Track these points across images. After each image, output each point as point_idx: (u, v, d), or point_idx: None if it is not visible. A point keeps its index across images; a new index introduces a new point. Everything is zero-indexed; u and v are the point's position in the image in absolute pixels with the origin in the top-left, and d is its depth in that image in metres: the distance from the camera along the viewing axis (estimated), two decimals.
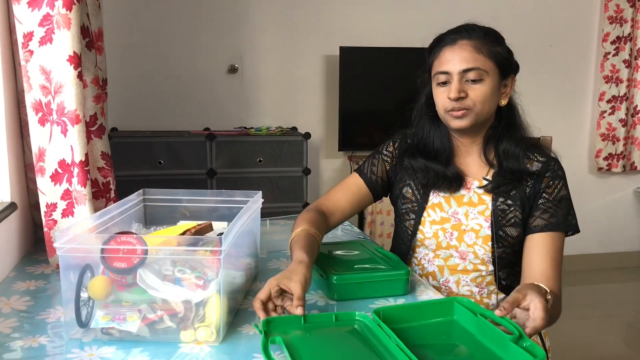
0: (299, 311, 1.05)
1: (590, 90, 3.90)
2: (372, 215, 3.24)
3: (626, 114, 3.83)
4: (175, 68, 3.27)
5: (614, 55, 3.75)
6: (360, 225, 3.32)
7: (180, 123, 3.27)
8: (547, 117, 3.72)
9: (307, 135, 3.06)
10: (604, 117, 3.84)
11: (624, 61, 3.75)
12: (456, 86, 1.33)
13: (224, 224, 1.35)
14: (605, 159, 3.88)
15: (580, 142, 3.97)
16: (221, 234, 1.19)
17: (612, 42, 3.74)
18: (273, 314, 1.07)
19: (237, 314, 1.15)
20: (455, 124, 1.37)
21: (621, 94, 3.79)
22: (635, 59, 3.80)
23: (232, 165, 2.99)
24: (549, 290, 1.20)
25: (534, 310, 1.07)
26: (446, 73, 1.35)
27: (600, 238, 4.06)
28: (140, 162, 2.89)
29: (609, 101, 3.81)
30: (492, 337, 0.98)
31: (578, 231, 1.41)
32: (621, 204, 4.09)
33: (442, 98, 1.37)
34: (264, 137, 3.04)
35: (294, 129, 3.34)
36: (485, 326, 1.00)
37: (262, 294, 1.08)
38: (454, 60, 1.34)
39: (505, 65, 1.37)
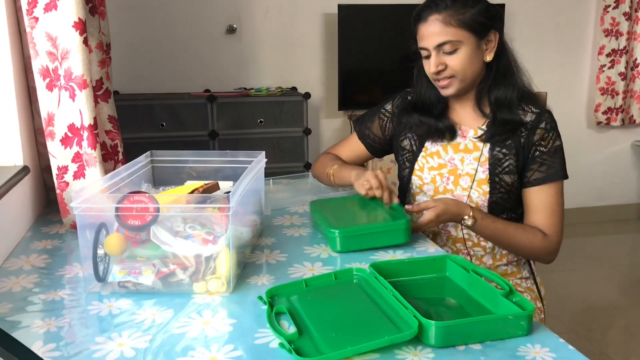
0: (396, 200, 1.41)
1: (590, 44, 3.90)
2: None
3: (626, 68, 3.83)
4: (173, 29, 3.27)
5: (614, 8, 3.73)
6: None
7: (181, 85, 3.29)
8: (546, 71, 3.73)
9: (307, 96, 3.09)
10: (603, 70, 3.84)
11: (624, 14, 3.73)
12: (434, 61, 1.42)
13: (230, 183, 1.40)
14: (604, 112, 3.90)
15: (579, 96, 3.98)
16: (228, 192, 1.24)
17: None
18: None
19: (245, 266, 1.22)
20: (443, 92, 1.48)
21: (621, 47, 3.79)
22: (636, 11, 3.77)
23: (234, 126, 3.03)
24: (471, 214, 1.39)
25: (425, 213, 1.36)
26: (424, 49, 1.44)
27: (598, 191, 4.12)
28: (143, 124, 2.93)
29: (608, 55, 3.81)
30: (483, 292, 1.03)
31: (567, 177, 1.48)
32: (619, 157, 4.13)
33: (428, 70, 1.46)
34: (264, 97, 3.07)
35: (294, 89, 3.36)
36: (477, 282, 1.05)
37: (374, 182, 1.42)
38: (427, 36, 1.41)
39: (479, 27, 1.40)
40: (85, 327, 0.98)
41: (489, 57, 1.44)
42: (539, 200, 1.46)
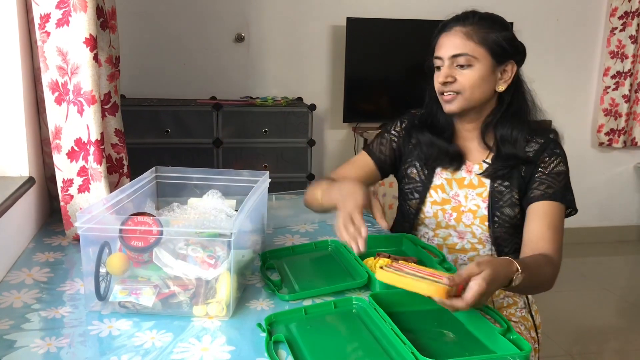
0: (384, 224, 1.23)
1: (597, 65, 3.90)
2: (374, 187, 3.30)
3: (630, 90, 3.84)
4: (183, 35, 3.29)
5: (620, 31, 3.74)
6: None
7: (187, 91, 3.31)
8: (552, 91, 3.74)
9: (313, 107, 3.10)
10: (607, 92, 3.85)
11: (630, 37, 3.74)
12: (445, 71, 1.39)
13: (233, 202, 1.41)
14: (607, 134, 3.91)
15: (584, 116, 3.99)
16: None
17: (620, 17, 3.72)
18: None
19: (245, 289, 1.23)
20: (446, 107, 1.44)
21: (626, 69, 3.80)
22: None
23: (238, 135, 3.04)
24: (520, 270, 1.11)
25: (467, 291, 0.99)
26: (439, 58, 1.41)
27: (600, 211, 4.13)
28: (148, 130, 2.94)
29: (613, 77, 3.82)
30: (481, 328, 1.03)
31: (576, 210, 1.43)
32: (622, 179, 4.14)
33: (436, 82, 1.44)
34: (270, 107, 3.08)
35: (299, 99, 3.37)
36: (475, 317, 1.05)
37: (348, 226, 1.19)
38: (446, 46, 1.40)
39: (499, 51, 1.38)
40: (86, 349, 0.98)
41: (501, 87, 1.42)
42: (534, 214, 1.39)
